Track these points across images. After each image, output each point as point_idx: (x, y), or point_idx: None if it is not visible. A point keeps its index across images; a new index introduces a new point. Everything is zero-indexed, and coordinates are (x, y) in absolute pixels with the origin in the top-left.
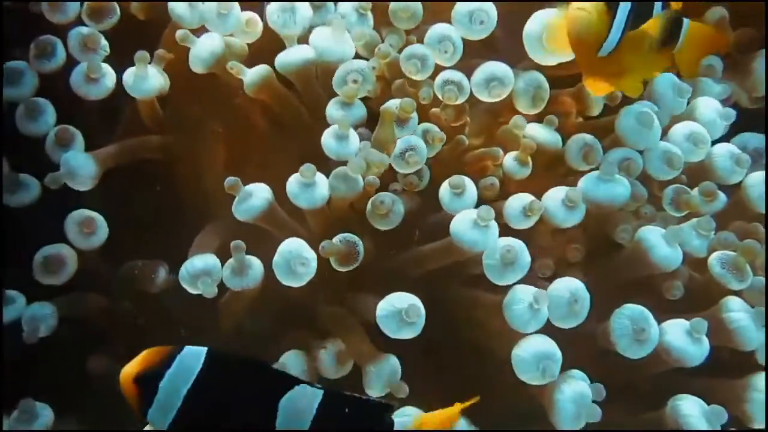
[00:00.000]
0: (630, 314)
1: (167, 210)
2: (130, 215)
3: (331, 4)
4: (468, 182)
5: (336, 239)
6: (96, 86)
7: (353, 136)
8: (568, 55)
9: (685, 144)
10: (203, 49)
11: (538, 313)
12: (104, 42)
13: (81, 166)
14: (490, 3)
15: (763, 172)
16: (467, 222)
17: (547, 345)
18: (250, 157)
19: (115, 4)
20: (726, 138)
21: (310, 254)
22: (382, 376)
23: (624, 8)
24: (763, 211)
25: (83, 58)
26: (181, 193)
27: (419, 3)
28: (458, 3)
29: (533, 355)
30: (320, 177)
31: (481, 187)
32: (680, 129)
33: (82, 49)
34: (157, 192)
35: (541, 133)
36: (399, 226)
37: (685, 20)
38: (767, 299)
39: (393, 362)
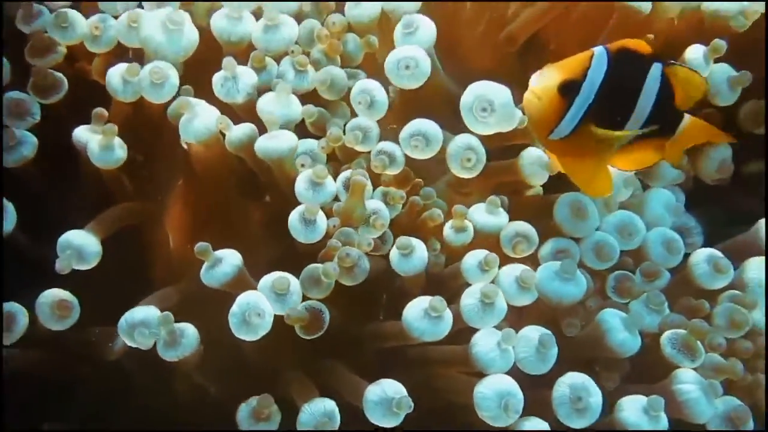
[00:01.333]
0: (570, 383)
1: (134, 274)
2: (97, 277)
3: (273, 64)
4: (417, 243)
5: (301, 306)
6: (12, 153)
7: (320, 219)
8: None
9: (617, 236)
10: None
11: (505, 354)
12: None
13: (87, 244)
14: (421, 52)
15: (707, 250)
16: (418, 311)
17: (509, 382)
18: (217, 219)
19: (64, 80)
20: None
21: (267, 308)
22: None
23: (582, 100)
24: (709, 288)
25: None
26: (148, 257)
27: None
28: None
29: (496, 392)
30: (294, 284)
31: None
32: (612, 220)
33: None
34: (125, 255)
35: (482, 218)
36: (366, 289)
37: (687, 115)
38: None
39: None
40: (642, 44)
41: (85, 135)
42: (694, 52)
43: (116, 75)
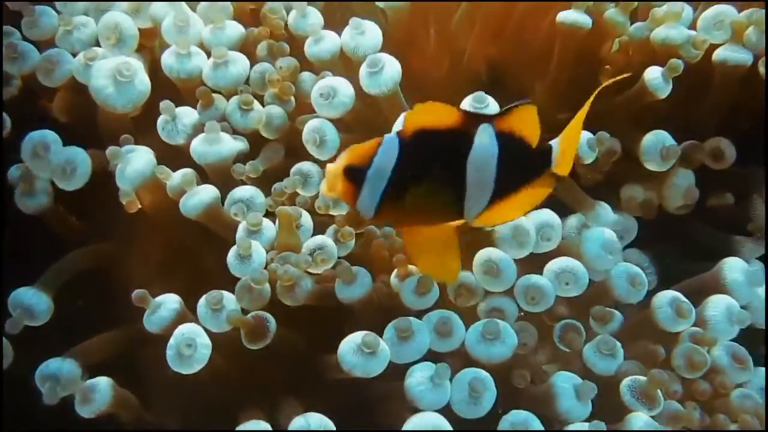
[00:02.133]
0: (513, 420)
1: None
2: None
3: (221, 100)
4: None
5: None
6: None
7: (257, 254)
8: None
9: (555, 281)
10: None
11: (438, 389)
12: None
13: (37, 303)
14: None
15: (670, 293)
16: (351, 346)
17: (436, 420)
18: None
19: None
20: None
21: (202, 339)
22: None
23: (372, 184)
24: (671, 331)
25: None
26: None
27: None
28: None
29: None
30: (227, 298)
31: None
32: (551, 266)
33: None
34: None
35: None
36: (329, 320)
37: (553, 144)
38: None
39: None
40: (446, 115)
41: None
42: (653, 73)
43: None
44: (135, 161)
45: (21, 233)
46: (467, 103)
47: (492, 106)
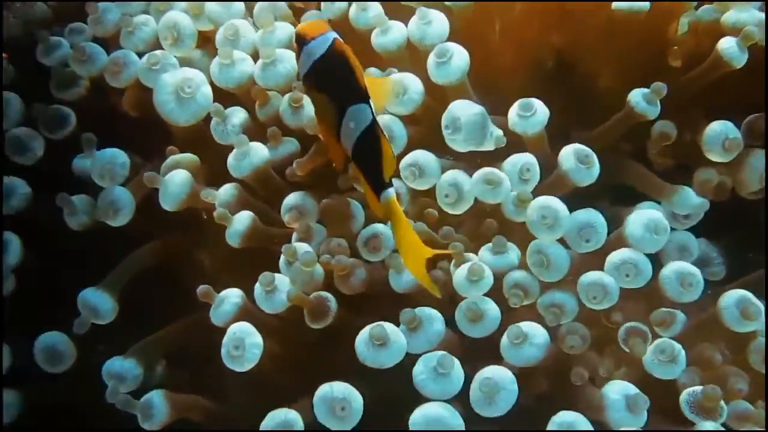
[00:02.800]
0: (560, 420)
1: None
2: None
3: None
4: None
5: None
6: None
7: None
8: None
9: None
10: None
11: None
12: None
13: (102, 302)
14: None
15: (738, 292)
16: (364, 337)
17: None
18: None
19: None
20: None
21: (252, 339)
22: None
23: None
24: (739, 331)
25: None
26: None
27: None
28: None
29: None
30: (280, 279)
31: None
32: (612, 258)
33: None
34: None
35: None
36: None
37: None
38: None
39: None
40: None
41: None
42: (727, 43)
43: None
44: (170, 185)
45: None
46: (514, 111)
47: (540, 112)
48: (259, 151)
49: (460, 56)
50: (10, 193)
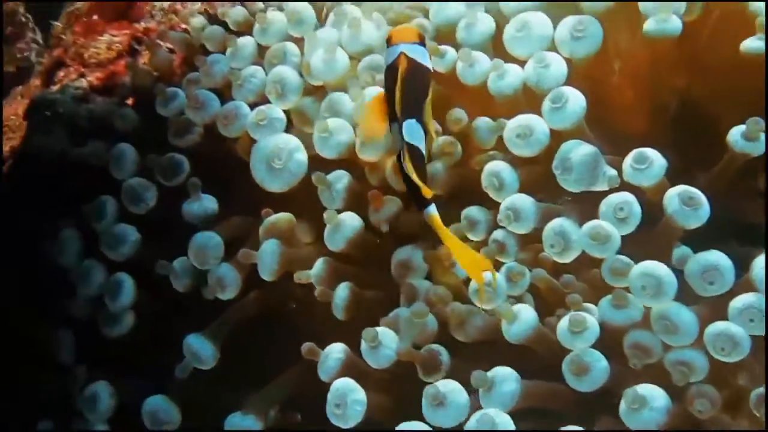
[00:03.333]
0: None
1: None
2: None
3: None
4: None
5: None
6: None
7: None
8: None
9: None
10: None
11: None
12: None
13: (203, 348)
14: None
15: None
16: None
17: None
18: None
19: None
20: None
21: (355, 396)
22: None
23: None
24: None
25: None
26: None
27: None
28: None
29: None
30: (383, 334)
31: None
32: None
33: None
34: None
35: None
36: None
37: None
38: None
39: None
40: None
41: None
42: None
43: None
44: (264, 257)
45: None
46: (628, 163)
47: (656, 164)
48: (351, 223)
49: (575, 101)
50: (122, 240)
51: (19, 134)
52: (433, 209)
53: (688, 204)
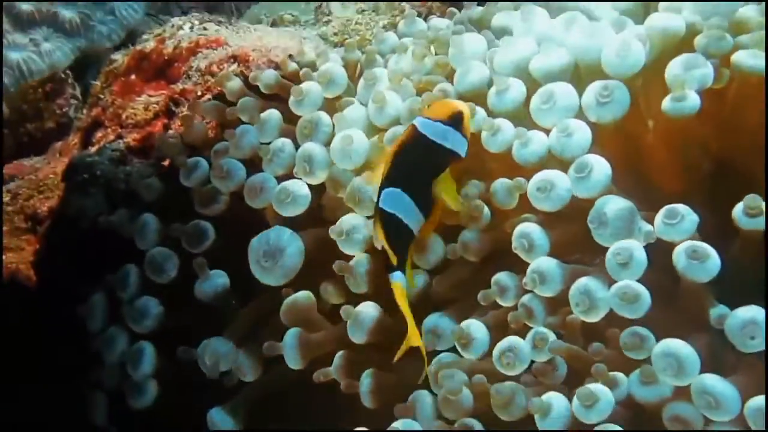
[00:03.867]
0: None
1: None
2: None
3: None
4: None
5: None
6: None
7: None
8: None
9: None
10: None
11: None
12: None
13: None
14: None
15: None
16: None
17: None
18: None
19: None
20: None
21: None
22: None
23: None
24: None
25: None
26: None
27: None
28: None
29: None
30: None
31: None
32: None
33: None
34: None
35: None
36: None
37: None
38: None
39: None
40: None
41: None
42: None
43: None
44: (288, 350)
45: None
46: (660, 219)
47: (688, 219)
48: (369, 313)
49: (600, 169)
50: (144, 313)
51: (57, 194)
52: (397, 277)
53: (693, 257)
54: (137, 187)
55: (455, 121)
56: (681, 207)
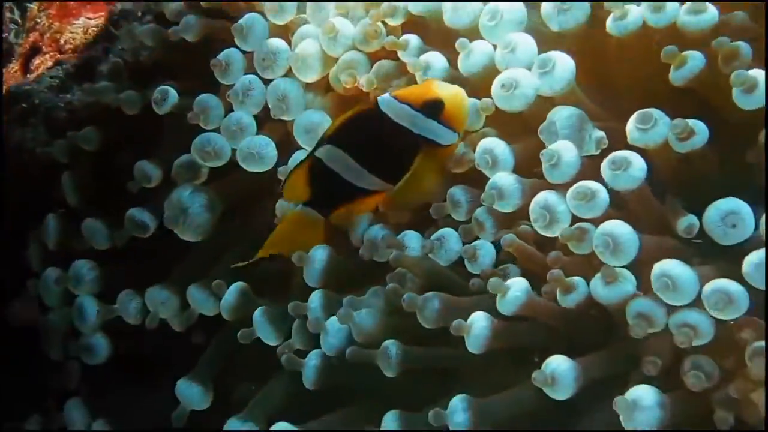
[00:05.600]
0: None
1: None
2: None
3: None
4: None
5: None
6: None
7: None
8: None
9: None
10: None
11: None
12: None
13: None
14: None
15: None
16: None
17: None
18: None
19: None
20: None
21: None
22: None
23: None
24: None
25: None
26: None
27: None
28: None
29: None
30: None
31: None
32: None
33: None
34: None
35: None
36: None
37: None
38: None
39: None
40: None
41: None
42: None
43: None
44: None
45: None
46: (632, 125)
47: (661, 123)
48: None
49: (564, 65)
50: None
51: None
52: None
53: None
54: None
55: (430, 108)
56: (654, 111)
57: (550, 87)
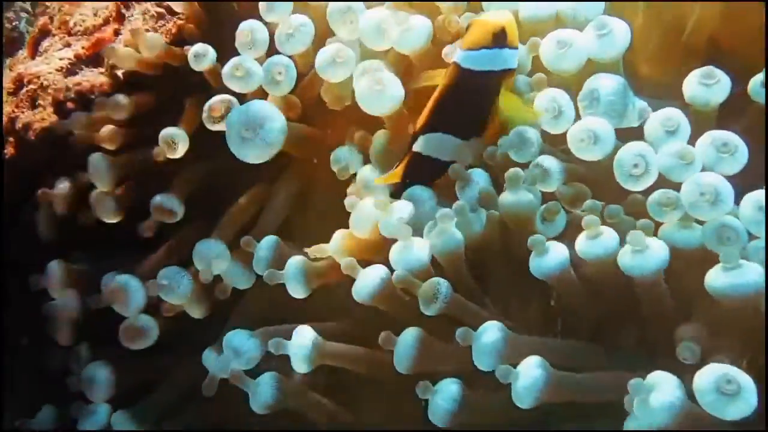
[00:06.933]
0: None
1: None
2: None
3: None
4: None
5: None
6: None
7: None
8: None
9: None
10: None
11: None
12: None
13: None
14: None
15: None
16: None
17: None
18: None
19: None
20: None
21: None
22: None
23: None
24: None
25: None
26: None
27: None
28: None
29: None
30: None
31: None
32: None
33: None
34: None
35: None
36: None
37: None
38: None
39: None
40: None
41: None
42: None
43: None
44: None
45: None
46: (695, 80)
47: (724, 81)
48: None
49: (621, 30)
50: None
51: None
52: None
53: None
54: None
55: (499, 39)
56: (716, 69)
57: (606, 52)
